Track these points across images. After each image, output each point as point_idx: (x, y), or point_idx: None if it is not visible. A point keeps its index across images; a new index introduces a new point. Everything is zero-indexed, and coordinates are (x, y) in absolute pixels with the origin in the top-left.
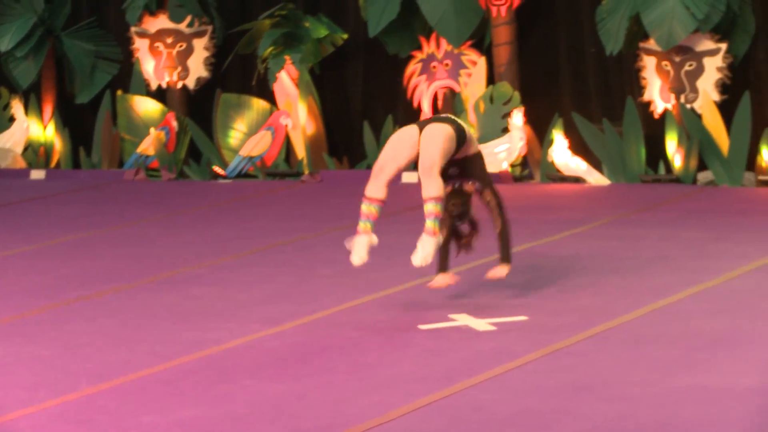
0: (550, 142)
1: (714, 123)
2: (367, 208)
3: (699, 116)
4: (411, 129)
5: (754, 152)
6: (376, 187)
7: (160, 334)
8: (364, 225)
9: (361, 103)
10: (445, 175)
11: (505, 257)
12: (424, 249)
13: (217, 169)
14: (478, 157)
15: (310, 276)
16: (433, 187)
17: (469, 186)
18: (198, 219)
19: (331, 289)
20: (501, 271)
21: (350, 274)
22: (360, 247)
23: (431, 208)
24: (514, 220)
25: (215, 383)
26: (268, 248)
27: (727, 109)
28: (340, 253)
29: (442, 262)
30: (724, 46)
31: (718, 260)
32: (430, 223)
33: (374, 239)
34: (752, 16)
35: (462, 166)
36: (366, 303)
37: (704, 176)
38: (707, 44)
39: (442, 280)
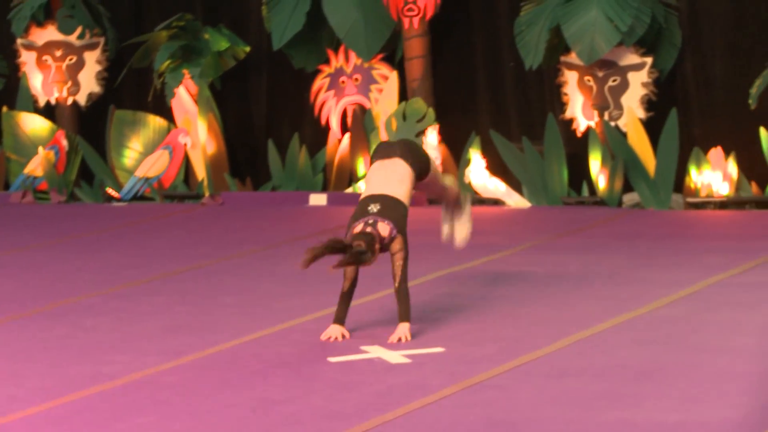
0: (467, 162)
1: (640, 142)
2: None
3: (624, 135)
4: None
5: (681, 173)
6: None
7: (50, 369)
8: None
9: (265, 120)
10: (365, 211)
11: (404, 315)
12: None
13: (110, 191)
14: (404, 205)
15: (211, 306)
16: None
17: (384, 227)
18: (91, 245)
19: (234, 319)
20: (401, 330)
21: (254, 303)
22: None
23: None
24: (428, 245)
25: (110, 421)
26: (167, 276)
27: (653, 127)
28: (243, 280)
29: (341, 313)
30: (649, 60)
31: (645, 288)
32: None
33: None
34: (678, 28)
35: (384, 203)
36: (271, 334)
37: (630, 198)
38: (632, 58)
39: (334, 331)
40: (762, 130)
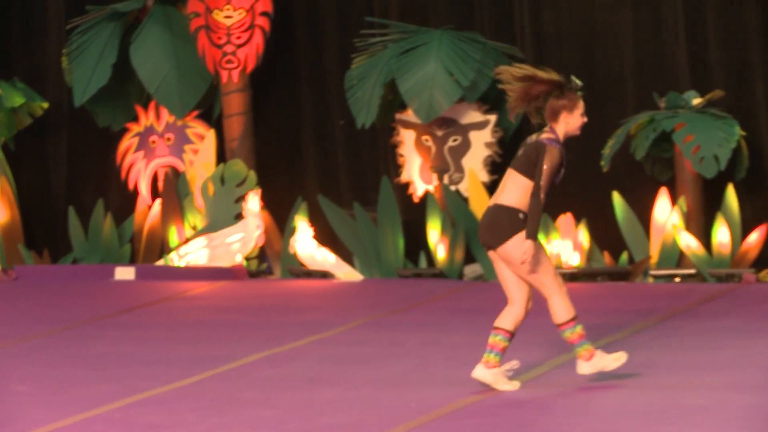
0: (293, 231)
1: (483, 208)
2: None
3: (465, 200)
4: None
5: None
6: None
7: None
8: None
9: (64, 184)
10: None
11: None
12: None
13: None
14: None
15: (1, 394)
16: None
17: None
18: None
19: (29, 409)
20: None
21: (52, 391)
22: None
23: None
24: (249, 325)
25: None
26: None
27: None
28: (39, 365)
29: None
30: (493, 118)
31: None
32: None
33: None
34: None
35: None
36: (71, 425)
37: (472, 270)
38: (474, 116)
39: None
40: (615, 195)
